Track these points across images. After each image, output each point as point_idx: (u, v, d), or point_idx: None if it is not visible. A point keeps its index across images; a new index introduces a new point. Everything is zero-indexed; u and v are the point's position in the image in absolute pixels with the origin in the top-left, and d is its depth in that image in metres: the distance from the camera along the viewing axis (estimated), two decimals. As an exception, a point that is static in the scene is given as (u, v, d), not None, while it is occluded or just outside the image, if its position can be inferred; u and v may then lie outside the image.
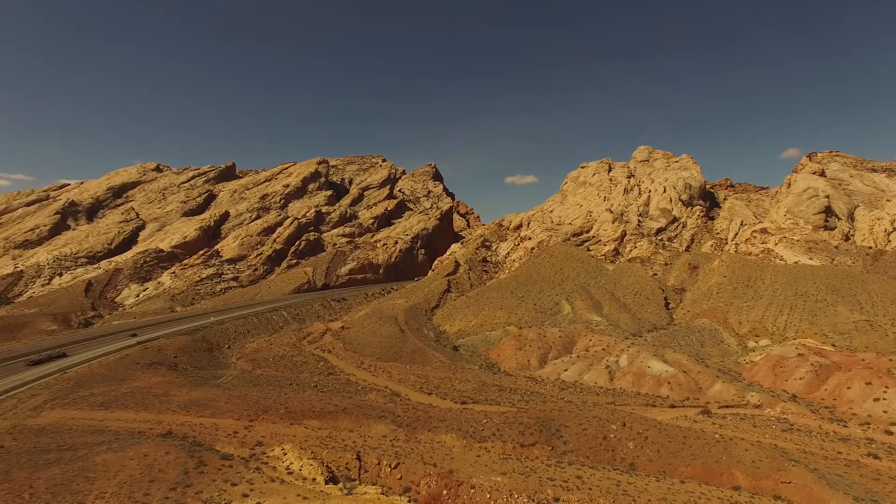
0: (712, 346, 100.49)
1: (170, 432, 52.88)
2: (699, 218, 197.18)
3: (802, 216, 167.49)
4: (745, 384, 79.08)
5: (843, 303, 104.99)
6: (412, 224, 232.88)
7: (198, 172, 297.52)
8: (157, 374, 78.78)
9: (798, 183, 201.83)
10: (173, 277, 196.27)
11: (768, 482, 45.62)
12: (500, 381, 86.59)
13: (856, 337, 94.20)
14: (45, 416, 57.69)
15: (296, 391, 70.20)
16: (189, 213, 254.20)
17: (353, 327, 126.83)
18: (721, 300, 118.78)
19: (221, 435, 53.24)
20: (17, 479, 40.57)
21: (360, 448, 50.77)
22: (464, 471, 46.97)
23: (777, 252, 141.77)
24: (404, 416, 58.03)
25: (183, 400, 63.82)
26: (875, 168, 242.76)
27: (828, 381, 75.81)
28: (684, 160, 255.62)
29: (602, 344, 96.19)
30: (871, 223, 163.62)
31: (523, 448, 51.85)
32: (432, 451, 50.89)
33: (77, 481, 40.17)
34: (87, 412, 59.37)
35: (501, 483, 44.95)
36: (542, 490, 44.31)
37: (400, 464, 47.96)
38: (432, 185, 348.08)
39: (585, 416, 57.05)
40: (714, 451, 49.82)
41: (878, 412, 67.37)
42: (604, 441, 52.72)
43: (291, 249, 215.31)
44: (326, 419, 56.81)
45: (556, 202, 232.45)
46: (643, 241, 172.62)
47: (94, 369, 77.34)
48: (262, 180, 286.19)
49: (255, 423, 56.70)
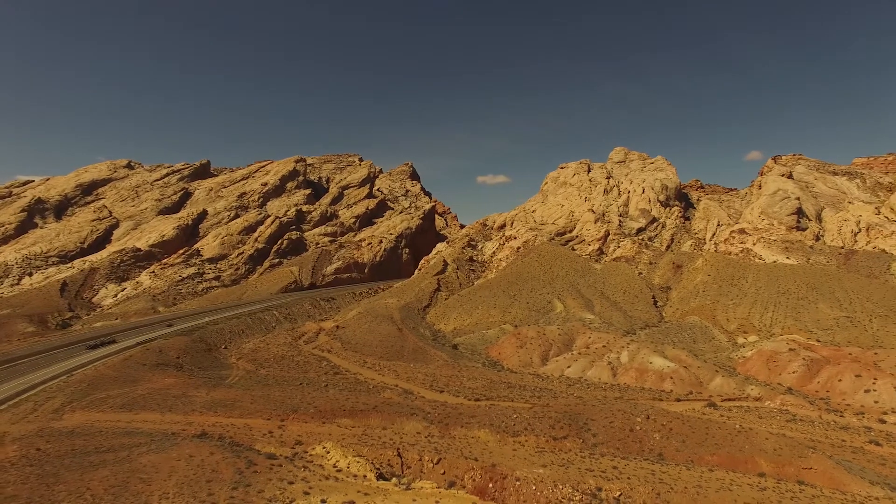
0: (704, 343, 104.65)
1: (204, 433, 52.70)
2: (677, 218, 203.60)
3: (776, 217, 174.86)
4: (743, 378, 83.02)
5: (823, 300, 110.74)
6: (396, 223, 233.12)
7: (171, 170, 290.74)
8: (167, 375, 77.75)
9: (769, 185, 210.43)
10: (153, 277, 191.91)
11: (791, 468, 48.54)
12: (507, 379, 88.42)
13: (838, 332, 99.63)
14: (69, 419, 56.62)
15: (317, 391, 70.48)
16: (164, 211, 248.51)
17: (348, 327, 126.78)
18: (708, 298, 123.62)
19: (257, 435, 53.36)
20: (70, 480, 40.17)
21: (398, 445, 51.72)
22: (505, 464, 48.45)
23: (756, 252, 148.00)
24: (434, 413, 59.15)
25: (205, 401, 63.40)
26: (836, 171, 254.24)
27: (819, 375, 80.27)
28: (659, 161, 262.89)
29: (602, 341, 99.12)
30: (838, 224, 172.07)
31: (556, 441, 53.65)
32: (469, 446, 52.22)
33: (132, 482, 39.99)
34: (111, 414, 58.52)
35: (544, 475, 46.62)
36: (584, 480, 46.16)
37: (442, 459, 49.11)
38: (410, 184, 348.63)
39: (610, 409, 59.29)
40: (737, 440, 52.62)
41: (870, 402, 71.86)
42: (630, 433, 54.98)
43: (274, 248, 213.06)
44: (358, 417, 57.50)
45: (537, 202, 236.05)
46: (626, 241, 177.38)
47: (102, 371, 75.81)
48: (239, 178, 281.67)
49: (286, 422, 56.94)
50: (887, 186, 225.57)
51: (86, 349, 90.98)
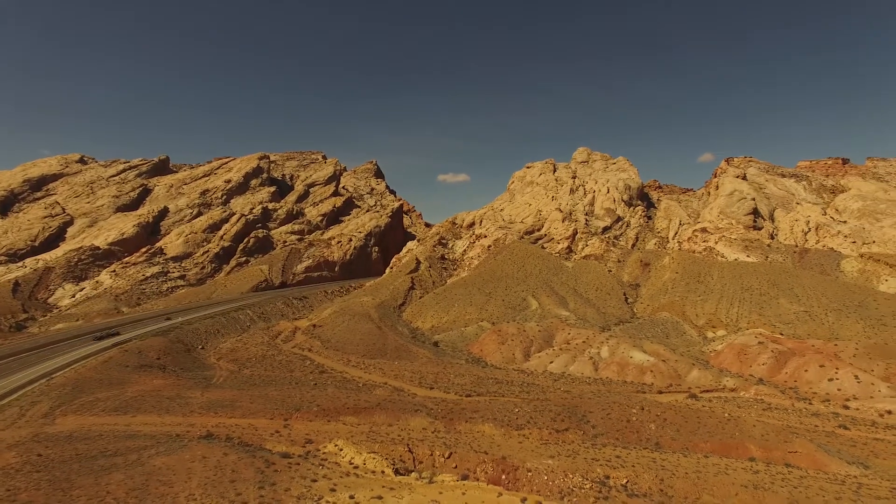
0: (676, 338, 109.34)
1: (210, 434, 52.13)
2: (641, 217, 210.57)
3: (734, 217, 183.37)
4: (718, 370, 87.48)
5: (783, 296, 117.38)
6: (364, 222, 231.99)
7: (128, 166, 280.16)
8: (153, 376, 75.89)
9: (725, 186, 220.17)
10: (114, 276, 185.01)
11: (778, 452, 52.00)
12: (493, 375, 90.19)
13: (798, 326, 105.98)
14: (63, 424, 54.86)
15: (316, 389, 70.36)
16: (123, 208, 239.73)
17: (325, 325, 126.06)
18: (677, 295, 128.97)
19: (264, 434, 53.14)
20: (85, 485, 39.31)
21: (407, 441, 52.53)
22: (515, 456, 50.01)
23: (718, 250, 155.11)
24: (437, 409, 60.15)
25: (202, 402, 62.44)
26: (784, 173, 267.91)
27: (787, 366, 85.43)
28: (621, 162, 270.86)
29: (581, 337, 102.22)
30: (790, 224, 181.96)
31: (558, 433, 55.61)
32: (476, 440, 53.55)
33: (152, 485, 39.51)
34: (106, 417, 56.99)
35: (554, 465, 48.41)
36: (592, 469, 48.22)
37: (452, 453, 50.25)
38: (375, 182, 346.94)
39: (606, 401, 61.74)
40: (727, 427, 55.85)
41: (834, 390, 77.11)
42: (627, 424, 57.53)
43: (240, 247, 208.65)
44: (362, 415, 57.94)
45: (505, 201, 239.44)
46: (594, 240, 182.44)
47: (83, 373, 73.34)
48: (201, 175, 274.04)
49: (290, 421, 56.82)
50: (830, 189, 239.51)
51: (93, 340, 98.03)
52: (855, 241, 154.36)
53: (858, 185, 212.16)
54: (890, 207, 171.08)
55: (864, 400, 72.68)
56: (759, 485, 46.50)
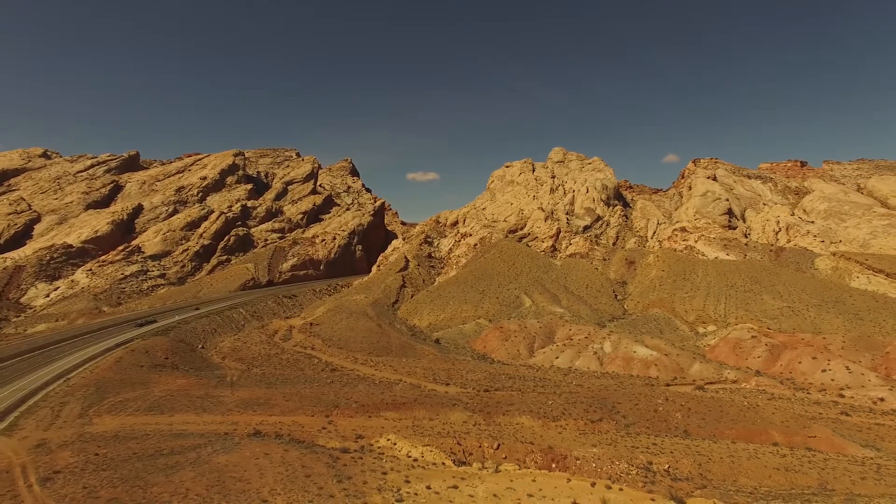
0: (670, 333, 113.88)
1: (258, 432, 52.41)
2: (620, 217, 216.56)
3: (709, 216, 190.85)
4: (718, 364, 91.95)
5: (766, 292, 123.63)
6: (347, 220, 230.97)
7: (96, 161, 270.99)
8: (172, 376, 75.05)
9: (698, 186, 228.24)
10: (91, 275, 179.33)
11: (799, 438, 55.75)
12: (503, 371, 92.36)
13: (783, 321, 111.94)
14: (102, 424, 54.12)
15: (346, 386, 70.97)
16: (94, 205, 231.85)
17: (323, 324, 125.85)
18: (665, 292, 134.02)
19: (312, 431, 53.75)
20: (159, 482, 39.43)
21: (453, 434, 54.04)
22: (560, 445, 52.17)
23: (698, 249, 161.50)
24: (472, 403, 61.81)
25: (234, 400, 62.36)
26: (749, 175, 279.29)
27: (781, 358, 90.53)
28: (596, 162, 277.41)
29: (583, 333, 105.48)
30: (762, 224, 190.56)
31: (593, 423, 58.08)
32: (518, 432, 55.45)
33: (228, 481, 39.86)
34: (143, 417, 56.44)
35: (599, 453, 50.79)
36: (634, 456, 50.81)
37: (500, 444, 52.05)
38: (351, 180, 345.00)
39: (631, 393, 64.62)
40: (748, 415, 59.42)
41: (828, 380, 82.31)
42: (655, 413, 60.47)
43: (221, 245, 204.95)
44: (402, 410, 59.06)
45: (486, 200, 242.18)
46: (578, 238, 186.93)
47: (101, 374, 71.96)
48: (174, 172, 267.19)
49: (332, 418, 57.49)
50: (794, 190, 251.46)
51: (134, 326, 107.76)
52: (823, 241, 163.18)
53: (821, 187, 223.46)
54: (852, 209, 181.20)
55: (857, 389, 77.93)
56: (790, 467, 49.96)
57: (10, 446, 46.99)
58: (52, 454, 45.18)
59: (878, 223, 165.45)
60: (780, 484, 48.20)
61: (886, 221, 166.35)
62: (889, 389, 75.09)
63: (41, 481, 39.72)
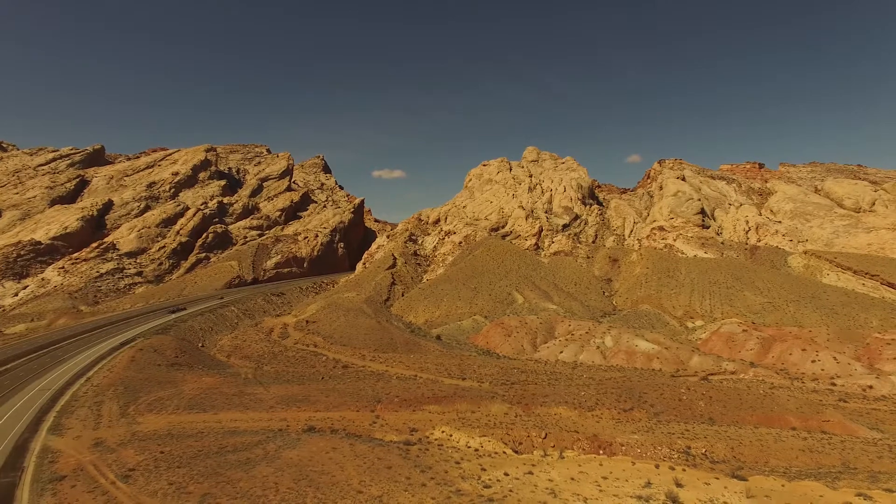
0: (661, 328, 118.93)
1: (312, 427, 53.11)
2: (597, 215, 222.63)
3: (683, 216, 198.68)
4: (715, 356, 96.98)
5: (747, 288, 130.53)
6: (328, 217, 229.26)
7: (59, 155, 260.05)
8: (194, 374, 74.24)
9: (669, 186, 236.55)
10: (63, 273, 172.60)
11: (814, 422, 60.20)
12: (513, 365, 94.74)
13: (766, 315, 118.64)
14: (148, 422, 53.60)
15: (382, 382, 71.88)
16: (59, 200, 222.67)
17: (319, 321, 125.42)
18: (652, 289, 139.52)
19: (364, 425, 54.77)
20: (241, 478, 39.99)
21: (498, 424, 56.01)
22: (603, 433, 54.85)
23: (677, 247, 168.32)
24: (508, 395, 63.92)
25: (272, 398, 62.50)
26: (713, 176, 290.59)
27: (772, 350, 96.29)
28: (569, 161, 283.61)
29: (583, 328, 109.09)
30: (733, 223, 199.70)
31: (625, 412, 61.09)
32: (560, 421, 57.86)
33: (311, 475, 40.72)
34: (187, 416, 56.11)
35: (640, 440, 53.73)
36: (673, 442, 53.99)
37: (548, 433, 54.34)
38: (324, 177, 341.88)
39: (655, 383, 68.04)
40: (766, 402, 63.63)
41: (818, 370, 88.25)
42: (680, 402, 64.00)
43: (199, 242, 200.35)
44: (444, 403, 60.63)
45: (465, 198, 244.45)
46: (560, 237, 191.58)
47: (122, 374, 70.55)
48: (143, 167, 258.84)
49: (377, 413, 58.54)
50: (757, 191, 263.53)
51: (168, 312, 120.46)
52: (792, 240, 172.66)
53: (783, 188, 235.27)
54: (816, 209, 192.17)
55: (846, 378, 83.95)
56: (813, 449, 54.12)
57: (70, 445, 46.37)
58: (116, 453, 44.89)
59: (840, 223, 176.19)
60: (807, 464, 52.17)
61: (847, 222, 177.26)
62: (875, 377, 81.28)
63: (121, 478, 39.72)
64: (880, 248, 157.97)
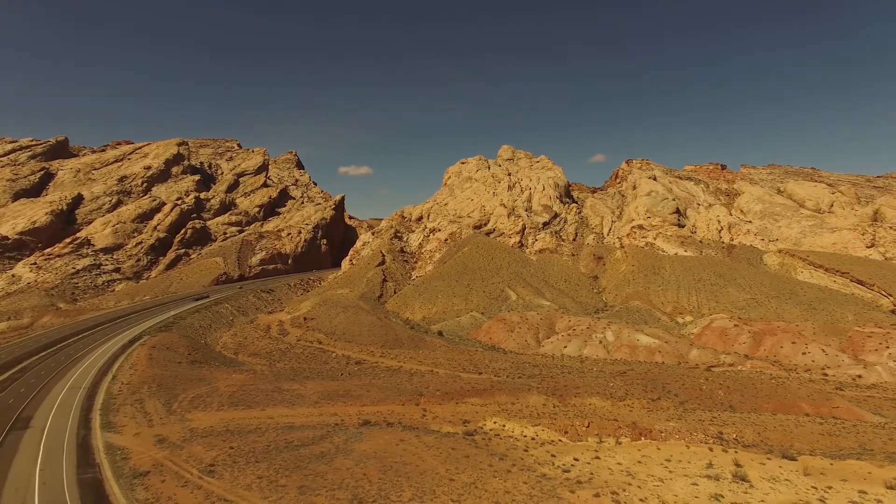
0: (653, 323, 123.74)
1: (367, 421, 53.99)
2: (576, 214, 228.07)
3: (660, 215, 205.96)
4: (711, 349, 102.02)
5: (731, 285, 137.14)
6: (310, 214, 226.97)
7: (18, 146, 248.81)
8: (218, 371, 73.73)
9: (642, 186, 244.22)
10: (36, 269, 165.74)
11: (825, 408, 64.82)
12: (522, 359, 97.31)
13: (750, 311, 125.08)
14: (200, 419, 53.32)
15: (416, 377, 73.03)
16: (23, 193, 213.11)
17: (317, 318, 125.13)
18: (639, 285, 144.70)
19: (415, 418, 56.01)
20: (325, 470, 40.70)
21: (541, 414, 58.21)
22: (640, 421, 57.75)
23: (658, 245, 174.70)
24: (541, 387, 66.20)
25: (312, 394, 62.90)
26: (680, 176, 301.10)
27: (763, 343, 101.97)
28: (544, 161, 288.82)
29: (583, 324, 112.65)
30: (706, 223, 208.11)
31: (653, 402, 64.30)
32: (597, 411, 60.52)
33: (394, 465, 41.74)
34: (234, 412, 56.01)
35: (676, 427, 56.87)
36: (706, 428, 57.37)
37: (591, 423, 56.83)
38: (298, 173, 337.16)
39: (675, 374, 71.63)
40: (779, 391, 68.02)
41: (809, 362, 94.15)
42: (700, 391, 67.72)
43: (178, 238, 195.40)
44: (484, 395, 62.41)
45: (446, 195, 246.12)
46: (543, 234, 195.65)
47: (149, 372, 69.42)
48: (112, 160, 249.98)
49: (422, 406, 59.80)
50: (724, 192, 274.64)
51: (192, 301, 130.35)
52: (763, 239, 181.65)
53: (749, 189, 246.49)
54: (783, 210, 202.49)
55: (835, 368, 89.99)
56: (832, 433, 58.46)
57: (133, 442, 46.12)
58: (184, 449, 44.93)
59: (806, 224, 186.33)
60: (828, 447, 56.36)
61: (812, 222, 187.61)
62: (863, 367, 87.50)
63: (206, 473, 39.99)
64: (844, 248, 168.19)
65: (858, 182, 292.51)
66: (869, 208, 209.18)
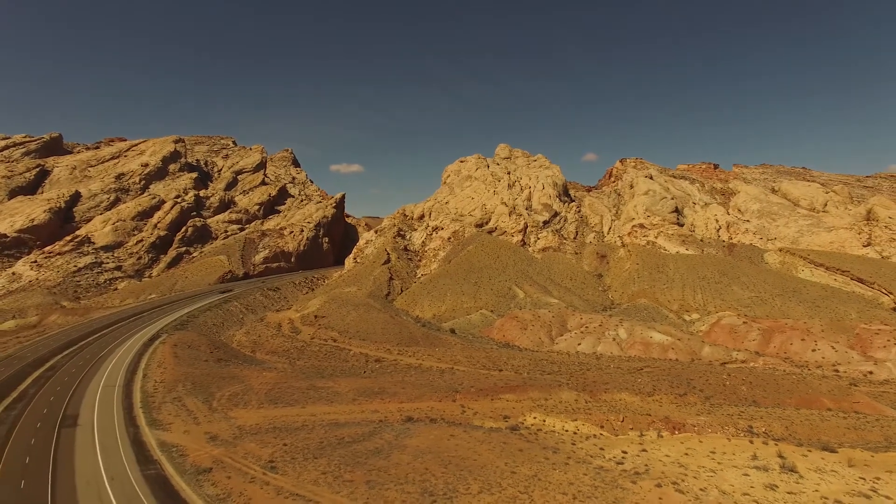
0: (661, 321, 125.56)
1: (410, 418, 54.73)
2: (575, 212, 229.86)
3: (660, 214, 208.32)
4: (723, 346, 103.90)
5: (735, 283, 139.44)
6: (311, 212, 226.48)
7: (12, 142, 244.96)
8: (247, 370, 73.95)
9: (640, 185, 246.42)
10: (37, 268, 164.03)
11: (846, 403, 66.58)
12: (539, 356, 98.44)
13: (755, 308, 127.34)
14: (242, 417, 53.71)
15: (446, 374, 73.82)
16: (18, 191, 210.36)
17: (328, 316, 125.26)
18: (645, 284, 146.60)
19: (455, 413, 56.78)
20: (384, 465, 41.36)
21: (576, 409, 59.25)
22: (672, 416, 59.01)
23: (659, 244, 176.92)
24: (570, 383, 67.31)
25: (348, 391, 63.36)
26: (675, 175, 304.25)
27: (773, 340, 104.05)
28: (541, 159, 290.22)
29: (595, 321, 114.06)
30: (704, 221, 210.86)
31: (681, 397, 65.67)
32: (628, 406, 61.71)
33: (452, 460, 42.46)
34: (275, 410, 56.39)
35: (708, 421, 58.16)
36: (736, 422, 58.70)
37: (625, 417, 58.00)
38: (294, 171, 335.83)
39: (698, 370, 73.08)
40: (800, 386, 69.72)
41: (819, 359, 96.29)
42: (724, 387, 69.20)
43: (178, 236, 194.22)
44: (518, 392, 63.35)
45: (446, 194, 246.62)
46: (545, 233, 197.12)
47: (177, 370, 69.51)
48: (108, 157, 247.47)
49: (459, 402, 60.59)
50: (719, 191, 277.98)
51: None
52: (762, 238, 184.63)
53: (745, 189, 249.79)
54: (780, 209, 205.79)
55: (846, 364, 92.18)
56: (857, 427, 60.14)
57: (185, 440, 46.47)
58: (238, 446, 45.41)
59: (803, 223, 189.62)
60: (854, 440, 58.02)
61: (809, 221, 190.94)
62: (874, 364, 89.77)
63: (268, 469, 40.52)
64: (841, 247, 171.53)
65: (849, 182, 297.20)
66: (862, 208, 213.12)
